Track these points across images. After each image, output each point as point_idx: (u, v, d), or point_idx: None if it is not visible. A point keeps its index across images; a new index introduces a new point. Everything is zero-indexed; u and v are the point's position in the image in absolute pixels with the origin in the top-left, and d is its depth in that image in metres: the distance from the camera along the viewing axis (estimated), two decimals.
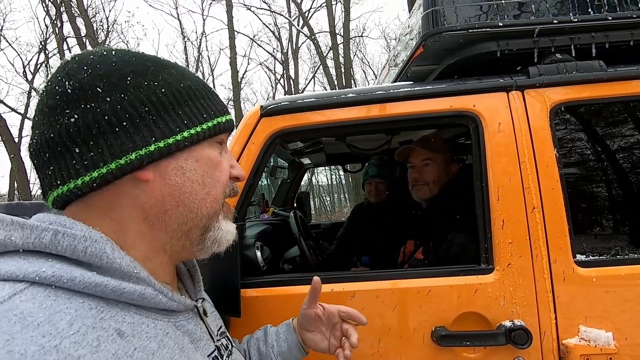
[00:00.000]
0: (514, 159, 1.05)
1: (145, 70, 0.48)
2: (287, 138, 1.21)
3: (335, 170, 17.81)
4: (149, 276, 0.47)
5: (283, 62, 17.35)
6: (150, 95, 0.47)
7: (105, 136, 0.44)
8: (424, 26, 1.13)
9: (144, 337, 0.43)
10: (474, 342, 0.98)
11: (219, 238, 0.55)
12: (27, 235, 0.41)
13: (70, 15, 11.35)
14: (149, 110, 0.47)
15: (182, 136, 0.48)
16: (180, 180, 0.49)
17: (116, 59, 0.47)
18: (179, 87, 0.50)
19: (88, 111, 0.44)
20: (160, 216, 0.49)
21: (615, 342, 0.95)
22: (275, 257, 1.63)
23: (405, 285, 1.03)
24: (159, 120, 0.47)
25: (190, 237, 0.53)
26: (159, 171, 0.48)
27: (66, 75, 0.45)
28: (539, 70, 1.09)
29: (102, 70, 0.46)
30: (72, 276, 0.40)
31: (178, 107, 0.49)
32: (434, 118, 1.12)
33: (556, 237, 1.01)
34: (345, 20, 12.25)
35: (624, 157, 1.10)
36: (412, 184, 1.49)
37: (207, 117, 0.52)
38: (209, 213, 0.53)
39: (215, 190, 0.53)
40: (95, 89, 0.45)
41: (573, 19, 1.07)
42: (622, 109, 1.12)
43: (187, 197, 0.50)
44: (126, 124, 0.45)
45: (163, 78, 0.49)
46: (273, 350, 0.76)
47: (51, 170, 0.45)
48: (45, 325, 0.36)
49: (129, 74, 0.47)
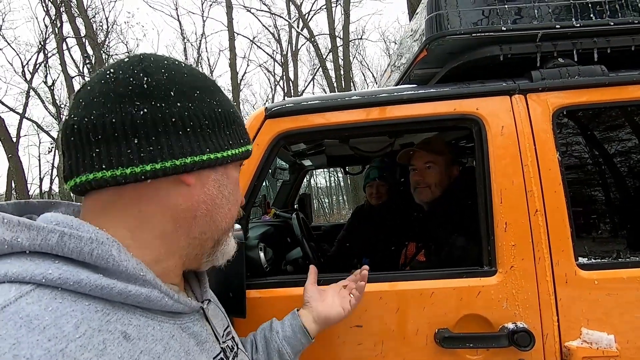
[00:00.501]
0: (516, 162, 1.06)
1: (208, 88, 0.53)
2: (291, 140, 1.21)
3: (334, 172, 17.84)
4: (155, 278, 0.47)
5: (282, 64, 17.38)
6: (210, 112, 0.51)
7: (168, 135, 0.47)
8: (427, 30, 1.14)
9: (149, 340, 0.43)
10: (476, 344, 0.98)
11: (226, 252, 0.59)
12: (33, 236, 0.41)
13: (70, 15, 11.35)
14: (208, 123, 0.50)
15: (227, 153, 0.53)
16: (216, 192, 0.53)
17: (187, 72, 0.51)
18: (229, 110, 0.55)
19: (157, 109, 0.46)
20: (188, 220, 0.51)
21: (617, 344, 0.95)
22: (277, 258, 1.63)
23: (408, 287, 1.04)
24: (213, 135, 0.51)
25: (204, 247, 0.55)
26: (201, 179, 0.51)
27: (143, 71, 0.47)
28: (542, 75, 1.10)
29: (177, 77, 0.49)
30: (79, 278, 0.40)
31: (227, 128, 0.54)
32: (437, 121, 1.13)
33: (558, 239, 1.01)
34: (344, 23, 12.30)
35: (625, 160, 1.11)
36: (414, 186, 1.50)
37: (243, 142, 0.58)
38: (226, 228, 0.57)
39: (234, 208, 0.58)
40: (169, 91, 0.48)
41: (575, 24, 1.08)
42: (623, 113, 1.13)
43: (216, 209, 0.54)
44: (189, 130, 0.48)
45: (219, 99, 0.54)
46: (278, 335, 0.81)
47: (96, 153, 0.44)
48: (51, 328, 0.36)
49: (198, 88, 0.51)
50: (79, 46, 11.77)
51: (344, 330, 1.03)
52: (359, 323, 1.03)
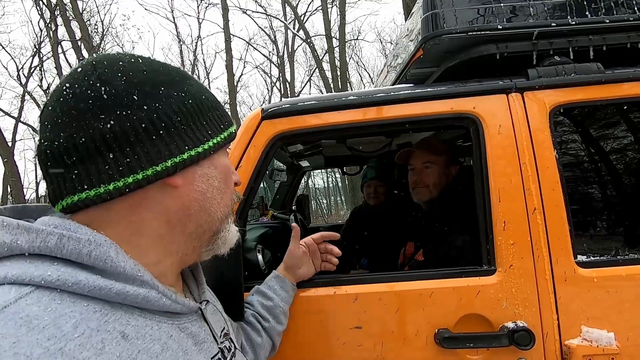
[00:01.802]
0: (514, 160, 1.05)
1: (173, 80, 0.50)
2: (288, 141, 1.21)
3: (331, 173, 17.85)
4: (152, 279, 0.47)
5: (279, 65, 17.38)
6: (180, 106, 0.49)
7: (142, 143, 0.46)
8: (423, 29, 1.14)
9: (147, 340, 0.44)
10: (477, 343, 0.98)
11: (228, 239, 0.59)
12: (32, 239, 0.42)
13: (64, 18, 11.31)
14: (180, 120, 0.49)
15: (208, 145, 0.52)
16: (205, 187, 0.53)
17: (146, 68, 0.49)
18: (201, 98, 0.53)
19: (124, 118, 0.45)
20: (182, 219, 0.51)
21: (617, 342, 0.95)
22: (275, 260, 1.62)
23: (408, 287, 1.03)
24: (189, 130, 0.50)
25: (202, 239, 0.55)
26: (187, 178, 0.50)
27: (99, 80, 0.45)
28: (538, 73, 1.10)
29: (136, 78, 0.47)
30: (77, 280, 0.40)
31: (202, 118, 0.52)
32: (434, 120, 1.13)
33: (557, 237, 1.01)
34: (340, 24, 12.32)
35: (623, 158, 1.11)
36: (413, 186, 1.49)
37: (224, 127, 0.56)
38: (222, 216, 0.56)
39: (228, 194, 0.57)
40: (131, 96, 0.46)
41: (571, 21, 1.09)
42: (619, 110, 1.13)
43: (209, 202, 0.53)
44: (162, 133, 0.47)
45: (188, 89, 0.51)
46: (278, 301, 0.93)
47: (75, 174, 0.44)
48: (50, 328, 0.36)
49: (161, 84, 0.49)
50: (74, 49, 11.71)
51: (343, 332, 1.02)
52: (359, 324, 1.02)
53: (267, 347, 0.89)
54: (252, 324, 0.89)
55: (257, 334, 0.88)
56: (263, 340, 0.88)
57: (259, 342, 0.87)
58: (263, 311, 0.91)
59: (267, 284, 0.97)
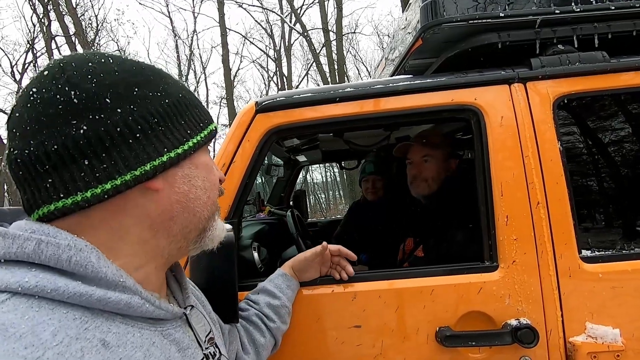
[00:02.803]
0: (517, 153, 1.02)
1: (147, 80, 0.48)
2: (283, 135, 1.17)
3: (330, 168, 17.83)
4: (135, 284, 0.46)
5: (276, 59, 17.25)
6: (157, 107, 0.47)
7: (118, 148, 0.44)
8: (422, 18, 1.10)
9: (129, 347, 0.43)
10: (479, 342, 0.95)
11: (216, 235, 0.57)
12: (8, 244, 0.41)
13: (57, 13, 11.14)
14: (157, 121, 0.47)
15: (188, 145, 0.50)
16: (187, 188, 0.51)
17: (117, 68, 0.46)
18: (178, 97, 0.51)
19: (97, 122, 0.43)
20: (166, 222, 0.50)
21: (623, 338, 0.93)
22: (272, 257, 1.59)
23: (408, 285, 1.01)
24: (167, 131, 0.48)
25: (188, 238, 0.54)
26: (168, 180, 0.49)
27: (68, 83, 0.43)
28: (541, 62, 1.06)
29: (107, 80, 0.44)
30: (56, 286, 0.39)
31: (180, 117, 0.50)
32: (434, 112, 1.09)
33: (561, 232, 0.98)
34: (337, 17, 12.21)
35: (629, 150, 1.08)
36: (411, 180, 1.46)
37: (203, 125, 0.54)
38: (208, 215, 0.55)
39: (212, 193, 0.56)
40: (103, 99, 0.43)
41: (575, 8, 1.05)
42: (626, 100, 1.10)
43: (192, 203, 0.52)
44: (139, 136, 0.45)
45: (164, 88, 0.49)
46: (286, 301, 0.92)
47: (49, 183, 0.42)
48: (28, 336, 0.35)
49: (135, 84, 0.46)
50: (68, 45, 11.57)
51: (342, 331, 0.99)
52: (358, 323, 0.99)
53: (269, 346, 0.88)
54: (255, 324, 0.87)
55: (260, 334, 0.86)
56: (267, 340, 0.87)
57: (262, 342, 0.85)
58: (269, 311, 0.90)
59: (273, 282, 0.95)
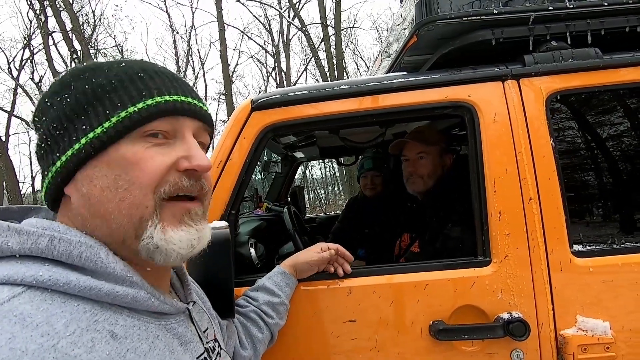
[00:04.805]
0: (510, 149, 1.03)
1: (62, 85, 0.51)
2: (280, 132, 1.18)
3: (329, 163, 17.82)
4: (141, 280, 0.48)
5: (274, 54, 17.18)
6: (58, 110, 0.49)
7: (43, 159, 0.50)
8: (417, 15, 1.10)
9: (135, 339, 0.45)
10: (472, 335, 0.97)
11: (156, 248, 0.47)
12: (23, 240, 0.43)
13: (54, 9, 11.07)
14: (56, 126, 0.49)
15: (79, 145, 0.47)
16: (87, 190, 0.47)
17: (58, 81, 0.52)
18: (84, 89, 0.48)
19: (37, 138, 0.52)
20: (86, 228, 0.48)
21: (612, 331, 0.94)
22: (270, 253, 1.61)
23: (402, 279, 1.02)
24: (65, 133, 0.48)
25: (130, 248, 0.48)
26: (75, 184, 0.48)
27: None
28: (535, 59, 1.07)
29: (46, 97, 0.51)
30: (68, 280, 0.42)
31: (82, 112, 0.48)
32: (428, 109, 1.10)
33: (553, 227, 1.00)
34: (336, 12, 12.13)
35: (620, 145, 1.09)
36: (407, 177, 1.47)
37: (111, 112, 0.47)
38: (132, 221, 0.47)
39: (129, 194, 0.46)
40: (34, 117, 0.52)
41: (568, 5, 1.05)
42: (618, 96, 1.10)
43: (97, 207, 0.46)
44: (44, 146, 0.49)
45: (74, 86, 0.49)
46: (285, 298, 0.94)
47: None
48: (43, 326, 0.38)
49: (48, 96, 0.51)
50: (65, 41, 11.51)
51: (338, 326, 1.01)
52: (353, 318, 1.01)
53: (266, 341, 0.90)
54: (253, 320, 0.89)
55: (258, 330, 0.88)
56: (264, 336, 0.88)
57: (259, 337, 0.87)
58: (267, 308, 0.91)
59: (272, 280, 0.96)
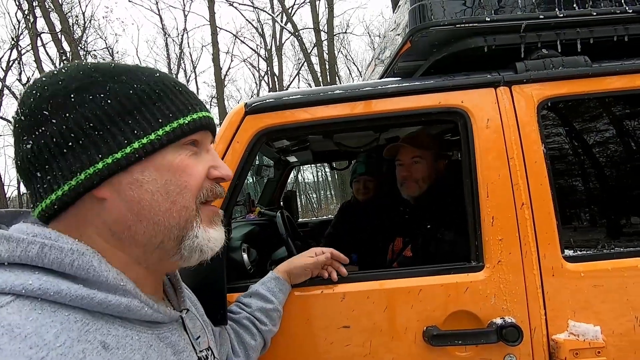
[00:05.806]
0: (502, 155, 1.04)
1: (90, 83, 0.46)
2: (273, 136, 1.18)
3: (321, 168, 17.83)
4: (135, 288, 0.47)
5: (267, 58, 17.18)
6: (94, 110, 0.46)
7: (57, 159, 0.45)
8: (410, 21, 1.11)
9: (128, 350, 0.44)
10: (465, 340, 0.97)
11: (198, 246, 0.52)
12: (12, 248, 0.41)
13: (43, 10, 10.91)
14: (94, 126, 0.45)
15: (131, 148, 0.46)
16: (137, 194, 0.47)
17: (64, 77, 0.47)
18: (128, 94, 0.47)
19: (40, 136, 0.45)
20: (125, 232, 0.48)
21: (603, 336, 0.95)
22: (262, 258, 1.59)
23: (396, 285, 1.02)
24: (107, 134, 0.46)
25: (165, 249, 0.50)
26: (115, 187, 0.47)
27: (20, 103, 0.47)
28: (526, 66, 1.09)
29: (48, 91, 0.46)
30: (59, 289, 0.40)
31: (128, 117, 0.47)
32: (422, 115, 1.11)
33: (545, 232, 1.01)
34: (329, 17, 12.21)
35: (611, 151, 1.11)
36: (401, 181, 1.48)
37: (164, 121, 0.48)
38: (179, 223, 0.50)
39: (182, 198, 0.50)
40: (42, 112, 0.45)
41: (559, 14, 1.07)
42: (606, 104, 1.13)
43: (148, 211, 0.48)
44: (72, 144, 0.45)
45: (111, 87, 0.47)
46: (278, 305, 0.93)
47: (29, 193, 0.48)
48: (32, 337, 0.36)
49: (74, 91, 0.46)
50: (54, 42, 11.35)
51: (331, 332, 1.00)
52: (347, 324, 1.00)
53: (259, 348, 0.89)
54: (246, 327, 0.87)
55: (251, 337, 0.86)
56: (257, 343, 0.87)
57: (252, 344, 0.86)
58: (261, 315, 0.90)
59: (266, 285, 0.95)
